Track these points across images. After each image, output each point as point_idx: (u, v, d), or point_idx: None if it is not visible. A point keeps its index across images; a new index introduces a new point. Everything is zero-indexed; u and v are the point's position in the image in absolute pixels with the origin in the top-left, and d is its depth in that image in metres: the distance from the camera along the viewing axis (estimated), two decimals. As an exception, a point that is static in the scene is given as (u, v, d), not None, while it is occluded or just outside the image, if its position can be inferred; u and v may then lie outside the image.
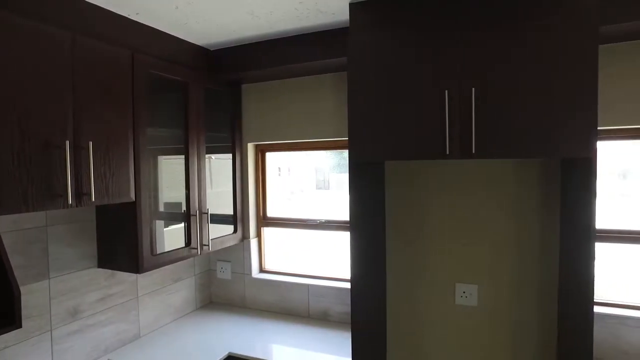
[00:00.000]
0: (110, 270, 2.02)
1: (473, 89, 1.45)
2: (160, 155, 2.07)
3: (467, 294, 2.00)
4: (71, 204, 1.50)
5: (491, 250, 1.95)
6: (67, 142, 1.48)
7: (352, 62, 1.66)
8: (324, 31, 2.00)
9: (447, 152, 1.50)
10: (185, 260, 2.46)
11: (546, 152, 1.44)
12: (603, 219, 1.92)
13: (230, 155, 2.48)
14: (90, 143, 1.57)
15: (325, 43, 1.99)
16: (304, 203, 4.19)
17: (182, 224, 2.12)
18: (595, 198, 1.49)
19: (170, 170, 2.13)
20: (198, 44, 2.19)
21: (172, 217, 2.16)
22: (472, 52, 1.48)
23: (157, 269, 2.27)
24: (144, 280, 2.22)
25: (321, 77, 2.29)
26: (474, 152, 1.47)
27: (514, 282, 1.91)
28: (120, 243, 1.88)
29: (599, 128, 1.71)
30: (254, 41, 2.16)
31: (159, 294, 2.31)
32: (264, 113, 2.47)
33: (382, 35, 1.61)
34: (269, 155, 2.64)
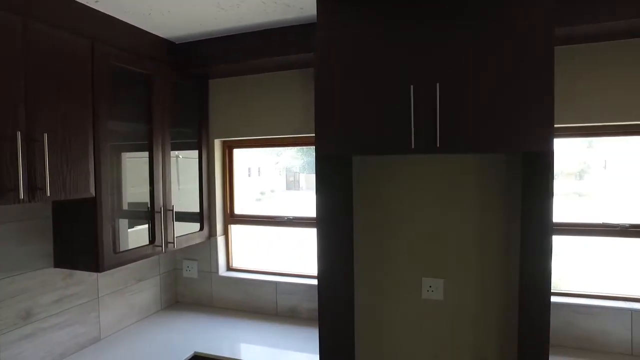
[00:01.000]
0: (68, 270, 1.92)
1: (437, 84, 1.48)
2: (124, 152, 2.01)
3: (433, 289, 2.04)
4: (23, 199, 1.42)
5: (456, 245, 1.99)
6: (19, 134, 1.40)
7: (319, 57, 1.66)
8: (292, 26, 1.99)
9: (413, 146, 1.52)
10: (149, 260, 2.39)
11: (506, 146, 1.49)
12: (561, 216, 2.01)
13: (196, 152, 2.43)
14: (45, 135, 1.49)
15: (293, 38, 1.98)
16: (274, 204, 4.14)
17: (147, 223, 2.06)
18: (552, 192, 1.55)
19: (134, 168, 2.06)
20: (163, 36, 2.13)
21: (136, 215, 2.09)
22: (436, 48, 1.51)
23: (120, 269, 2.19)
24: (105, 280, 2.13)
25: (290, 73, 2.28)
26: (438, 146, 1.50)
27: (478, 275, 1.96)
28: (80, 241, 1.80)
29: (557, 125, 1.78)
30: (220, 35, 2.13)
31: (121, 294, 2.23)
32: (231, 109, 2.43)
33: (349, 30, 1.62)
34: (237, 153, 2.60)
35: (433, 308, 2.04)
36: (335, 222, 1.93)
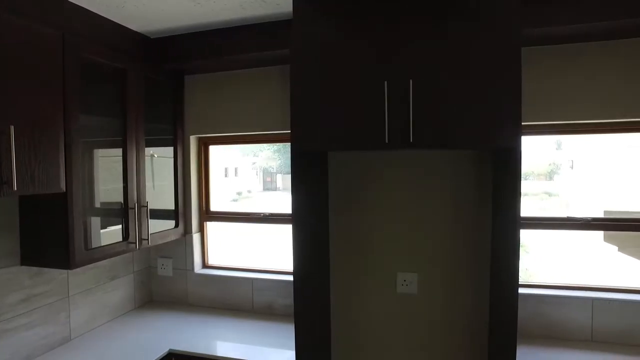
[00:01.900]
0: (36, 268, 1.86)
1: (411, 80, 1.52)
2: (97, 147, 1.97)
3: (407, 283, 2.08)
4: (-12, 193, 1.38)
5: (430, 239, 2.03)
6: (-17, 125, 1.36)
7: (295, 53, 1.68)
8: (268, 22, 2.00)
9: (387, 141, 1.55)
10: (122, 258, 2.35)
11: (477, 142, 1.55)
12: (532, 214, 2.09)
13: (171, 150, 2.40)
14: (12, 127, 1.44)
15: (270, 34, 1.99)
16: (251, 204, 4.14)
17: (120, 220, 2.02)
18: (520, 187, 1.61)
19: (108, 164, 2.03)
20: (137, 30, 2.10)
21: (109, 213, 2.05)
22: (410, 46, 1.55)
23: (92, 267, 2.13)
24: (76, 278, 2.08)
25: (266, 70, 2.28)
26: (411, 141, 1.54)
27: (450, 268, 2.01)
28: (49, 237, 1.75)
29: (526, 123, 1.84)
30: (196, 30, 2.12)
31: (93, 293, 2.17)
32: (207, 105, 2.41)
33: (325, 26, 1.64)
34: (213, 150, 2.58)
35: (407, 302, 2.08)
36: (311, 218, 1.95)
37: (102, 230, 2.01)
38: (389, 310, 2.10)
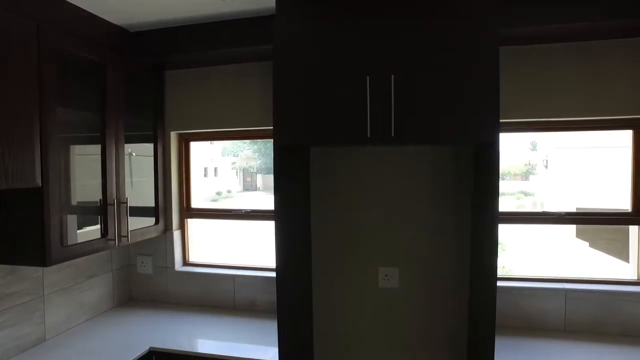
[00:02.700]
0: (9, 266, 1.80)
1: (392, 76, 1.54)
2: (75, 142, 1.93)
3: (389, 277, 2.10)
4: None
5: (411, 234, 2.07)
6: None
7: (277, 48, 1.68)
8: (250, 18, 2.00)
9: (369, 136, 1.57)
10: (100, 256, 2.30)
11: (456, 137, 1.59)
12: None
13: (151, 147, 2.36)
14: (-17, 119, 1.40)
15: (252, 29, 1.99)
16: (230, 204, 4.12)
17: (98, 216, 1.97)
18: (498, 181, 1.66)
19: (86, 160, 1.98)
20: (117, 23, 2.06)
21: (88, 209, 2.01)
22: (391, 42, 1.57)
23: (69, 265, 2.08)
24: (51, 277, 2.02)
25: (249, 65, 2.28)
26: (393, 136, 1.56)
27: (431, 263, 2.05)
28: (24, 234, 1.69)
29: (504, 120, 1.89)
30: (177, 25, 2.09)
31: (69, 292, 2.12)
32: (188, 101, 2.39)
33: (308, 22, 1.65)
34: (194, 147, 2.55)
35: (389, 296, 2.11)
36: (293, 214, 1.95)
37: (79, 228, 1.96)
38: (371, 304, 2.12)
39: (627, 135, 2.06)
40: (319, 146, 2.03)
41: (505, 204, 1.68)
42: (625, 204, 2.06)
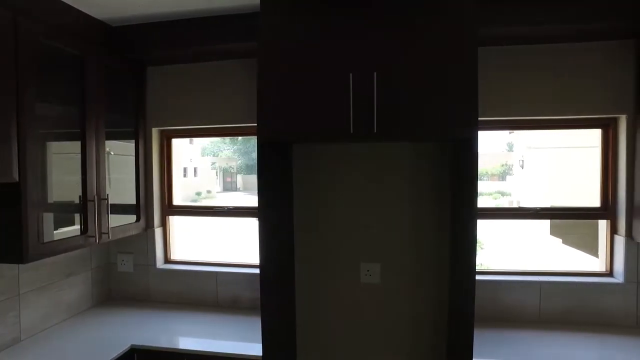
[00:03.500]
0: (-17, 265, 1.76)
1: (375, 73, 1.57)
2: (55, 138, 1.90)
3: (370, 273, 2.14)
4: None
5: (392, 230, 2.10)
6: None
7: (262, 44, 1.69)
8: (234, 14, 2.00)
9: (352, 131, 1.60)
10: (80, 253, 2.25)
11: (437, 133, 1.63)
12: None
13: (131, 145, 2.34)
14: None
15: (236, 26, 1.99)
16: (210, 204, 4.09)
17: (78, 213, 1.94)
18: (477, 176, 1.71)
19: (65, 157, 1.94)
20: (98, 17, 2.03)
21: (67, 205, 1.97)
22: (373, 39, 1.61)
23: (46, 263, 2.03)
24: (28, 275, 1.97)
25: (233, 62, 2.28)
26: (376, 132, 1.59)
27: (412, 257, 2.09)
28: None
29: (482, 118, 1.95)
30: (159, 20, 2.08)
31: (46, 291, 2.07)
32: (171, 98, 2.37)
33: (292, 19, 1.67)
34: (175, 143, 2.53)
35: (371, 291, 2.14)
36: (276, 210, 1.96)
37: (57, 228, 1.92)
38: (353, 299, 2.14)
39: (597, 134, 2.15)
40: (303, 142, 2.04)
41: (483, 204, 1.76)
42: (596, 201, 2.15)
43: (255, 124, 1.74)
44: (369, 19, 1.61)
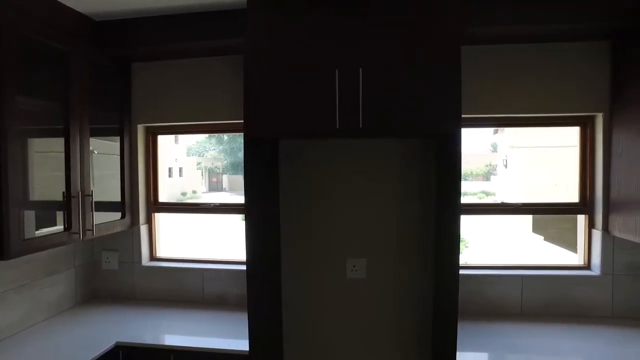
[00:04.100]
0: (-38, 262, 1.72)
1: (360, 69, 1.60)
2: (38, 132, 1.87)
3: (357, 268, 2.16)
4: None
5: (378, 225, 2.13)
6: None
7: (249, 40, 1.70)
8: (220, 10, 2.00)
9: (338, 127, 1.62)
10: (63, 251, 2.22)
11: (422, 129, 1.66)
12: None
13: (115, 143, 2.31)
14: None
15: (222, 22, 1.99)
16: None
17: (62, 209, 1.91)
18: (460, 172, 1.74)
19: (49, 152, 1.92)
20: (81, 11, 2.00)
21: (51, 202, 1.94)
22: (360, 36, 1.63)
23: (28, 261, 1.99)
24: (8, 273, 1.93)
25: (219, 59, 2.27)
26: (361, 127, 1.62)
27: (397, 252, 2.12)
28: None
29: (466, 115, 1.98)
30: (144, 15, 2.06)
31: (28, 289, 2.03)
32: (156, 94, 2.35)
33: (279, 15, 1.68)
34: (160, 142, 2.51)
35: (357, 286, 2.16)
36: (263, 207, 1.96)
37: (41, 224, 1.89)
38: (340, 294, 2.16)
39: (576, 133, 2.21)
40: (289, 138, 2.05)
41: (468, 213, 1.82)
42: (575, 196, 2.22)
43: (242, 121, 1.75)
44: (355, 17, 1.64)
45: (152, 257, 2.48)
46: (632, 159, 1.86)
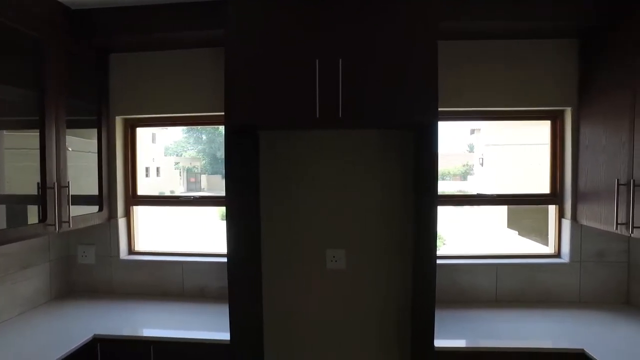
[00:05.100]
0: None
1: (340, 60, 1.63)
2: (12, 128, 1.83)
3: (336, 259, 2.19)
4: None
5: (357, 216, 2.17)
6: None
7: (230, 30, 1.71)
8: (201, 2, 1.99)
9: (317, 116, 1.65)
10: (38, 244, 2.18)
11: (400, 118, 1.70)
12: (450, 209, 2.31)
13: (94, 136, 2.27)
14: None
15: (202, 13, 1.98)
16: (173, 207, 3.97)
17: (37, 200, 1.87)
18: (437, 162, 1.79)
19: (23, 142, 1.87)
20: (56, -1, 1.96)
21: (25, 193, 1.90)
22: (339, 27, 1.67)
23: (0, 254, 1.94)
24: (-21, 267, 1.88)
25: (200, 51, 2.26)
26: (340, 117, 1.65)
27: (376, 243, 2.17)
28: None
29: (442, 109, 2.03)
30: (122, 4, 2.04)
31: (0, 283, 1.98)
32: (135, 85, 2.32)
33: (259, 4, 1.70)
34: (138, 138, 2.48)
35: (337, 277, 2.19)
36: (243, 198, 1.98)
37: (12, 220, 1.84)
38: (320, 285, 2.19)
39: (548, 132, 2.30)
40: (270, 128, 2.07)
41: (445, 204, 1.88)
42: (546, 188, 2.31)
43: (223, 113, 1.75)
44: (334, 7, 1.67)
45: (131, 251, 2.45)
46: (598, 151, 1.96)
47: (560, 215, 2.26)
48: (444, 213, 2.13)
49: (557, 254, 2.28)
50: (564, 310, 2.07)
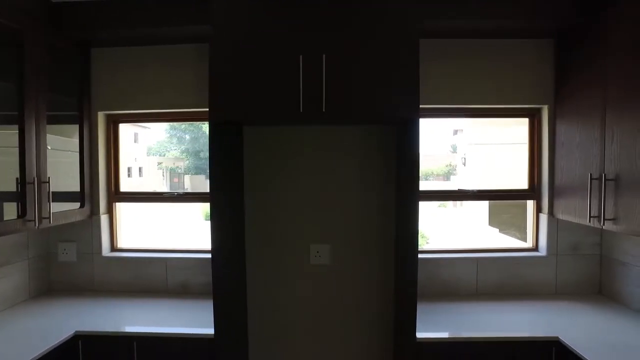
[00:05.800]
0: None
1: (324, 55, 1.65)
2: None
3: (320, 254, 2.21)
4: None
5: (341, 211, 2.19)
6: None
7: (215, 25, 1.71)
8: (185, -4, 1.99)
9: (301, 111, 1.67)
10: (15, 241, 2.13)
11: (382, 114, 1.73)
12: (434, 211, 2.35)
13: (75, 133, 2.25)
14: None
15: (186, 8, 1.99)
16: (156, 205, 3.96)
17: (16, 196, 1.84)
18: (418, 157, 1.83)
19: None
20: (35, -10, 1.93)
21: (3, 188, 1.86)
22: (323, 24, 1.69)
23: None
24: (-45, 263, 1.83)
25: (183, 47, 2.26)
26: (324, 111, 1.67)
27: (360, 238, 2.19)
28: None
29: (423, 106, 2.07)
30: (104, -1, 2.02)
31: (-24, 281, 1.94)
32: (118, 81, 2.30)
33: (246, 1, 1.71)
34: (122, 131, 2.46)
35: (321, 272, 2.21)
36: (227, 194, 1.97)
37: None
38: (304, 280, 2.20)
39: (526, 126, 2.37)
40: (254, 123, 2.07)
41: (429, 203, 1.93)
42: (525, 184, 2.38)
43: (206, 109, 1.75)
44: (318, 3, 1.69)
45: (113, 248, 2.43)
46: (572, 147, 2.03)
47: (538, 210, 2.33)
48: (425, 211, 2.18)
49: (535, 248, 2.35)
50: (541, 301, 2.14)
